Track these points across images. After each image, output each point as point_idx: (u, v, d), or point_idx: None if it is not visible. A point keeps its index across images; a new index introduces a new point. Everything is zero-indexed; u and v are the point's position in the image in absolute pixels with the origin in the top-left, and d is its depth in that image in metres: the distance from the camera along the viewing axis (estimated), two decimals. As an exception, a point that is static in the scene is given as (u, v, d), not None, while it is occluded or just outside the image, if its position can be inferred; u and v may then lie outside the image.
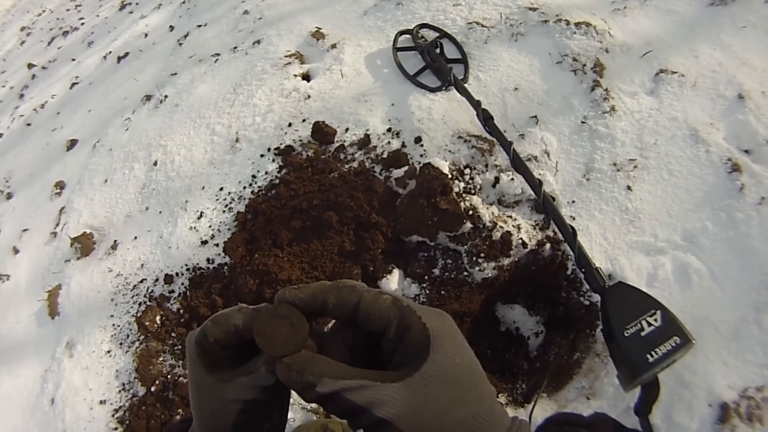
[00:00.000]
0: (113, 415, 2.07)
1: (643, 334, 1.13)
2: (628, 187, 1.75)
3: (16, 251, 3.21)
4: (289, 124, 2.30)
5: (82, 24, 6.37)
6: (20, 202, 3.65)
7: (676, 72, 1.97)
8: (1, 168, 4.38)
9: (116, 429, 2.04)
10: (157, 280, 2.20)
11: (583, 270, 1.43)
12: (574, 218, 1.75)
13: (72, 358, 2.32)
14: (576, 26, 2.22)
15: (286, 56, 2.71)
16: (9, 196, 3.84)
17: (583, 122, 1.95)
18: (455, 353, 0.44)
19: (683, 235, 1.63)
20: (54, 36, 6.82)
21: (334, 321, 0.49)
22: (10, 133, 4.95)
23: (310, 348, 0.46)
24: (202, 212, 2.23)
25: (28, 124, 4.67)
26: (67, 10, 8.01)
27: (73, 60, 5.23)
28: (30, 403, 2.39)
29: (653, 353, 1.10)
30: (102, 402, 2.12)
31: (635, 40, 2.17)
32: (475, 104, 1.94)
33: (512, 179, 1.85)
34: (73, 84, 4.58)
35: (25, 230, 3.27)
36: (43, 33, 7.72)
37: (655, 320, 1.15)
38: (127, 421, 2.02)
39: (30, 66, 6.24)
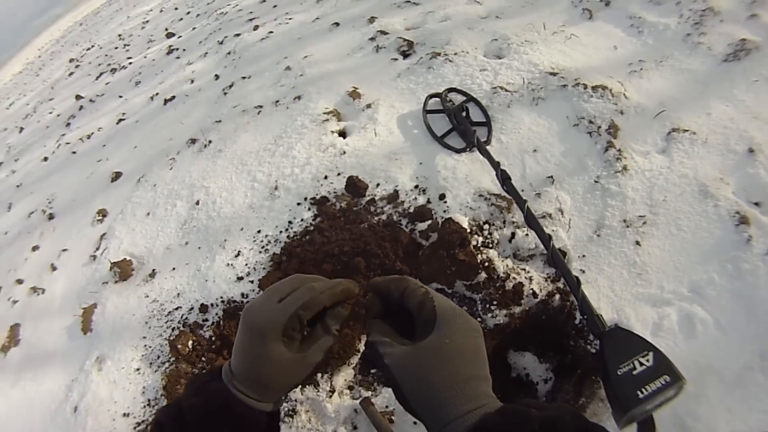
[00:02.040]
0: (135, 428, 2.19)
1: (634, 372, 1.22)
2: (637, 242, 1.83)
3: (53, 268, 3.43)
4: (325, 177, 2.53)
5: (130, 63, 6.81)
6: (61, 224, 3.90)
7: (687, 130, 2.08)
8: (44, 189, 4.68)
9: (137, 442, 2.16)
10: (192, 308, 2.39)
11: (585, 316, 1.54)
12: (583, 271, 1.83)
13: (101, 371, 2.46)
14: (593, 90, 2.36)
15: (324, 113, 2.96)
16: (51, 217, 4.09)
17: (596, 181, 2.06)
18: (449, 336, 0.63)
19: (690, 286, 1.68)
20: (102, 71, 7.29)
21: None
22: (54, 158, 5.27)
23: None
24: (239, 251, 2.44)
25: (74, 152, 4.99)
26: (116, 48, 8.56)
27: (120, 97, 5.61)
28: (52, 408, 2.52)
29: (643, 390, 1.18)
30: (125, 415, 2.25)
31: (650, 100, 2.30)
32: (495, 165, 2.10)
33: (527, 235, 1.98)
34: (120, 120, 4.92)
35: (64, 250, 3.50)
36: (91, 67, 8.23)
37: (647, 360, 1.24)
38: None
39: (78, 97, 6.67)
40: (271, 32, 4.67)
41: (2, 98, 12.97)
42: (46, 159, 5.41)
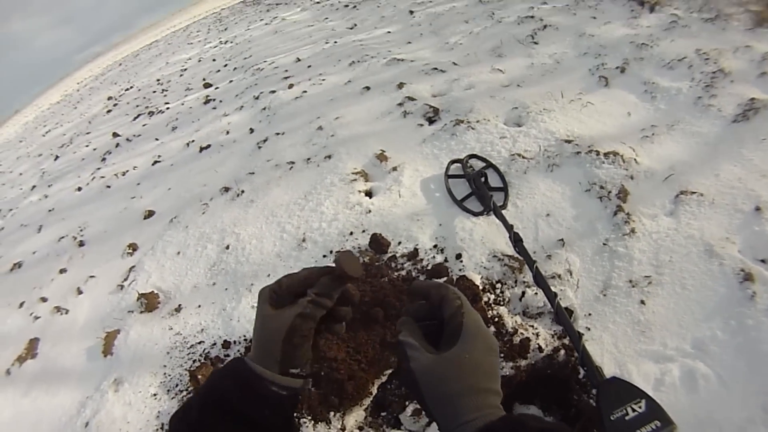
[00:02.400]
0: None
1: (627, 418, 1.29)
2: (642, 301, 1.87)
3: (79, 292, 3.61)
4: (351, 233, 2.74)
5: (167, 108, 7.23)
6: (91, 252, 4.11)
7: (695, 192, 2.15)
8: (76, 217, 4.93)
9: (145, 463, 2.24)
10: (214, 344, 2.54)
11: (585, 368, 1.60)
12: (589, 329, 1.89)
13: (117, 392, 2.58)
14: (605, 156, 2.48)
15: (353, 173, 3.20)
16: (81, 244, 4.31)
17: (604, 244, 2.12)
18: (469, 351, 0.71)
19: (692, 343, 1.71)
20: (140, 113, 7.71)
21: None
22: (88, 189, 5.56)
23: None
24: (265, 295, 2.62)
25: (108, 186, 5.28)
26: (154, 91, 9.05)
27: (157, 140, 5.96)
28: (62, 421, 2.63)
29: None
30: None
31: (660, 164, 2.38)
32: (509, 228, 2.23)
33: (536, 293, 2.07)
34: (156, 162, 5.23)
35: (92, 276, 3.69)
36: (129, 107, 8.69)
37: (640, 407, 1.30)
38: None
39: (115, 135, 7.06)
40: (305, 92, 5.03)
41: (39, 125, 13.59)
42: (80, 189, 5.71)
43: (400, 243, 2.57)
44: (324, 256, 2.68)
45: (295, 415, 0.87)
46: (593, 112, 2.98)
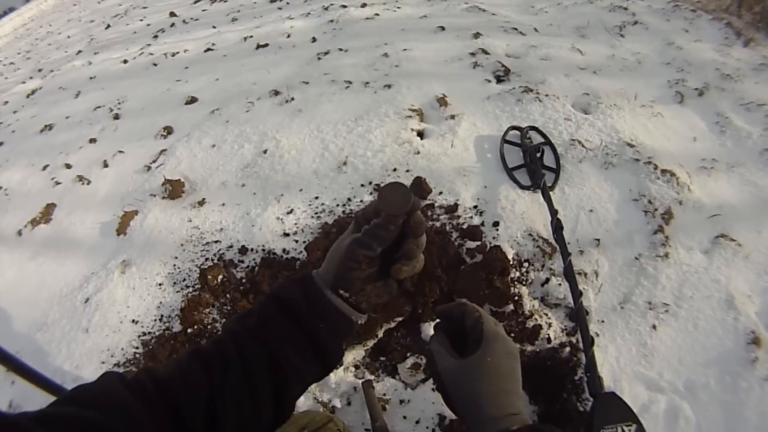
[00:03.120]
0: (139, 336, 2.25)
1: None
2: (654, 326, 1.90)
3: (105, 165, 3.52)
4: (394, 169, 2.56)
5: (231, -2, 6.96)
6: (125, 126, 4.00)
7: (735, 240, 2.13)
8: (116, 89, 4.80)
9: (137, 348, 2.21)
10: (231, 246, 2.44)
11: (588, 374, 1.64)
12: (597, 335, 1.88)
13: (123, 274, 2.53)
14: (662, 173, 2.39)
15: (409, 109, 2.99)
16: (116, 117, 4.20)
17: (636, 258, 2.11)
18: (490, 355, 0.77)
19: (686, 383, 1.75)
20: (202, -3, 7.46)
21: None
22: (134, 63, 5.41)
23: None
24: (292, 209, 2.48)
25: (155, 65, 5.13)
26: (220, -21, 8.75)
27: (214, 27, 5.73)
28: (63, 292, 2.60)
29: None
30: (134, 321, 2.30)
31: (710, 200, 2.32)
32: (553, 213, 2.16)
33: (560, 284, 2.04)
34: (208, 49, 5.02)
35: (120, 152, 3.58)
36: (191, -10, 8.41)
37: (630, 430, 1.34)
38: (151, 346, 2.18)
39: (172, 14, 6.84)
40: (377, 14, 4.73)
41: (97, -9, 13.37)
42: (125, 62, 5.57)
43: (441, 193, 2.44)
44: (362, 185, 2.53)
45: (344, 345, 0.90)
46: (661, 124, 2.82)
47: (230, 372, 0.72)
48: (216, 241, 2.51)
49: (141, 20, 7.27)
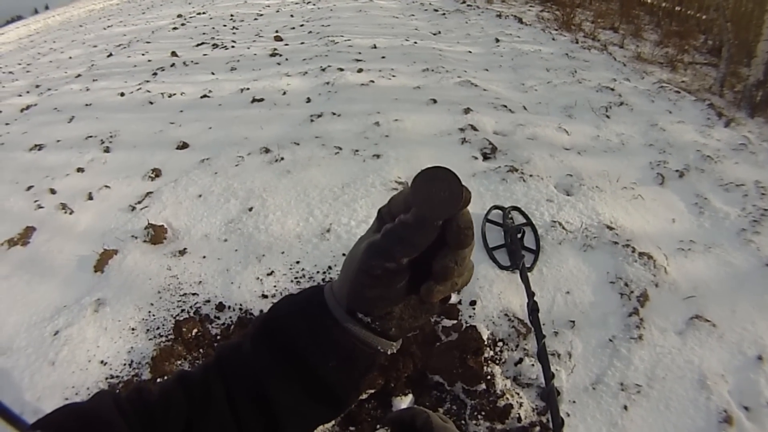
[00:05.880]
0: (107, 379, 2.21)
1: None
2: (625, 407, 1.92)
3: (90, 197, 3.50)
4: (375, 242, 2.66)
5: (232, 46, 7.15)
6: (114, 161, 4.01)
7: (709, 321, 2.20)
8: (110, 121, 4.82)
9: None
10: (208, 301, 2.47)
11: None
12: (568, 415, 1.92)
13: (96, 312, 2.49)
14: (639, 255, 2.50)
15: (395, 181, 3.12)
16: (107, 150, 4.22)
17: (610, 340, 2.17)
18: None
19: None
20: (204, 41, 7.65)
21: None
22: (131, 98, 5.48)
23: None
24: (273, 271, 2.55)
25: (151, 103, 5.21)
26: (224, 25, 9.01)
27: (213, 74, 5.88)
28: (32, 320, 2.54)
29: None
30: (103, 362, 2.26)
31: (686, 281, 2.42)
32: (530, 295, 2.21)
33: (533, 365, 2.10)
34: (205, 95, 5.15)
35: (107, 186, 3.59)
36: (195, 32, 8.64)
37: None
38: (118, 390, 2.12)
39: (173, 54, 7.00)
40: (372, 81, 4.96)
41: (104, 17, 13.63)
42: (122, 94, 5.64)
43: (422, 272, 2.51)
44: (343, 254, 2.60)
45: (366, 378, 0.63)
46: (641, 206, 2.99)
47: (212, 408, 0.60)
48: (194, 294, 2.54)
49: (143, 54, 7.41)
